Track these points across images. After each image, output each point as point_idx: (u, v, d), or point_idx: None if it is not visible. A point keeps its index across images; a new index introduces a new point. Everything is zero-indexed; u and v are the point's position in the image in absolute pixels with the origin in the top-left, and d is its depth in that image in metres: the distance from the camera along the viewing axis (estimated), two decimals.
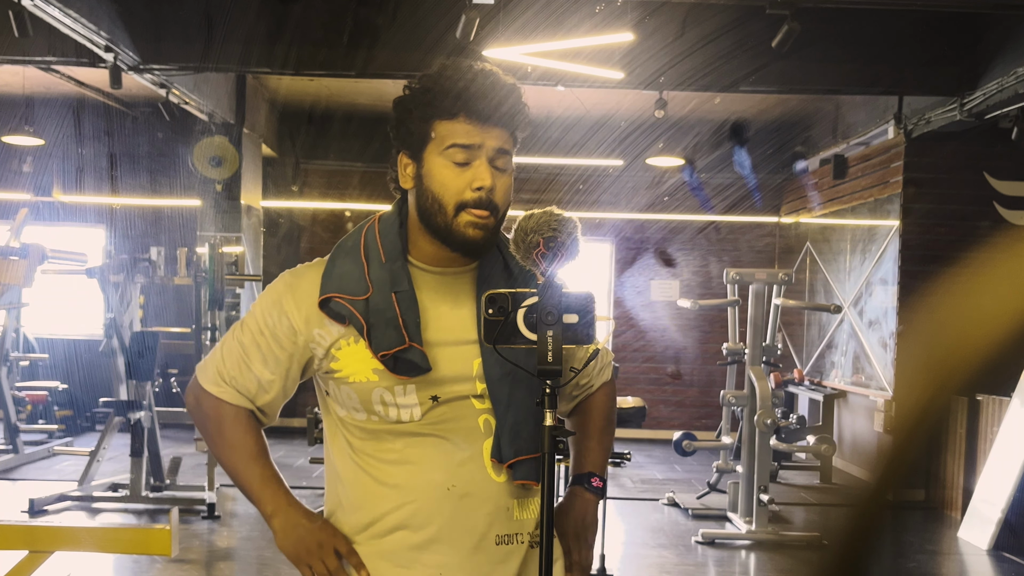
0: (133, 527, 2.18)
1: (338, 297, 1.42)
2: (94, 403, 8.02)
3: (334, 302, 1.42)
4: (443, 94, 1.38)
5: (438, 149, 1.39)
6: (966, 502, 5.76)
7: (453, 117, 1.38)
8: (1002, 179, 6.68)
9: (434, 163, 1.39)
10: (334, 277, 1.44)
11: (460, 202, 1.38)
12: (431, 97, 1.39)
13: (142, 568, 4.60)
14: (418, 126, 1.40)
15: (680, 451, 6.29)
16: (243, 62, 6.18)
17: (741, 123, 8.49)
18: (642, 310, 9.63)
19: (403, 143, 1.43)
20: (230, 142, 7.55)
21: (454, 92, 1.37)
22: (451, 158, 1.38)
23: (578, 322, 1.30)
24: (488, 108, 1.38)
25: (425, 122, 1.39)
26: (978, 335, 0.52)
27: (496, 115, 1.39)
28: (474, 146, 1.38)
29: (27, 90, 7.82)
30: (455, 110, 1.37)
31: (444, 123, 1.38)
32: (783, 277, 5.68)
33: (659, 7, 5.50)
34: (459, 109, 1.37)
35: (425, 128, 1.39)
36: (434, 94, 1.38)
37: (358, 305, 1.41)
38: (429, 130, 1.39)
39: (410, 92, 1.43)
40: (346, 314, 1.42)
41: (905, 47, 6.06)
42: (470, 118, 1.37)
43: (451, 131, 1.38)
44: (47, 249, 6.27)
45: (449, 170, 1.38)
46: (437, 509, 1.42)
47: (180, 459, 6.15)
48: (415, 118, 1.40)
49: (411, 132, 1.41)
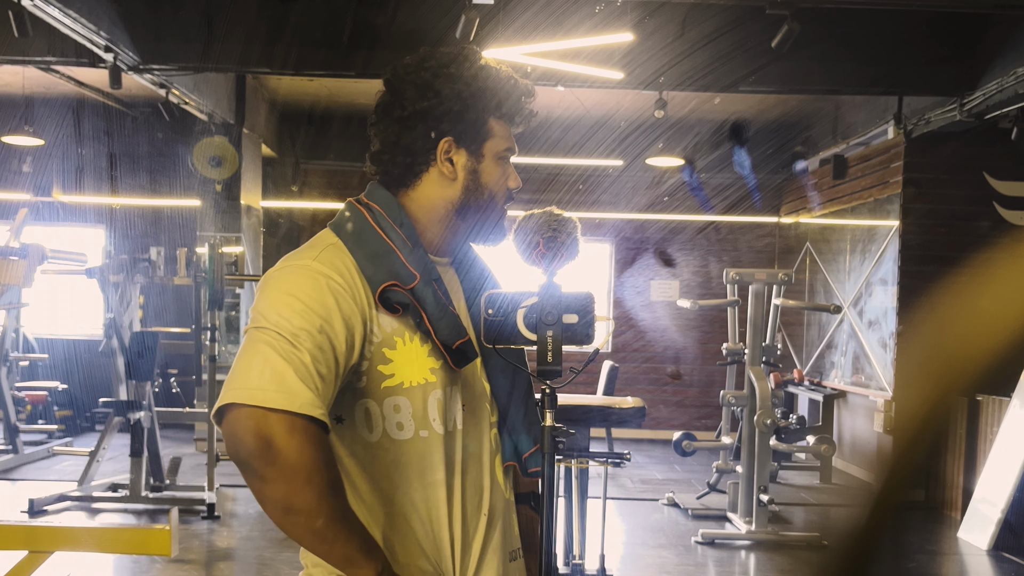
0: (133, 527, 2.18)
1: (396, 285, 1.28)
2: (94, 403, 8.01)
3: (392, 290, 1.28)
4: (505, 95, 1.39)
5: (496, 149, 1.40)
6: (966, 502, 5.76)
7: (510, 121, 1.41)
8: (1002, 179, 6.68)
9: (492, 162, 1.40)
10: (380, 262, 1.29)
11: (504, 199, 1.43)
12: (497, 96, 1.38)
13: (142, 568, 4.60)
14: (478, 119, 1.38)
15: (680, 451, 6.29)
16: (243, 62, 6.18)
17: (741, 123, 8.49)
18: (642, 310, 9.63)
19: (452, 131, 1.36)
20: (230, 142, 7.55)
21: (516, 97, 1.40)
22: (502, 157, 1.41)
23: (578, 322, 1.30)
24: (525, 117, 1.44)
25: (485, 117, 1.38)
26: (978, 335, 0.52)
27: (524, 122, 1.45)
28: (515, 151, 1.44)
29: (27, 90, 7.82)
30: (512, 114, 1.41)
31: (499, 123, 1.40)
32: (783, 277, 5.68)
33: (659, 7, 5.50)
34: (515, 113, 1.41)
35: (484, 123, 1.38)
36: (497, 95, 1.38)
37: (413, 294, 1.29)
38: (488, 126, 1.39)
39: (461, 83, 1.35)
40: (406, 303, 1.28)
41: (905, 47, 6.06)
42: (515, 124, 1.43)
43: (505, 133, 1.41)
44: (47, 249, 6.27)
45: (500, 169, 1.41)
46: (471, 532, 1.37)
47: (180, 459, 6.15)
48: (476, 109, 1.37)
49: (467, 122, 1.37)
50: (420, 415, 1.30)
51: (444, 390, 1.32)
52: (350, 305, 1.23)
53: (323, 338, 1.19)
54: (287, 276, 1.25)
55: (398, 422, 1.29)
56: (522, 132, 1.46)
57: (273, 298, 1.22)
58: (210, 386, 5.86)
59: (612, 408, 3.91)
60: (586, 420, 3.84)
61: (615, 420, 3.94)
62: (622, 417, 3.87)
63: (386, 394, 1.28)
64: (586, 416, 3.85)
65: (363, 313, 1.25)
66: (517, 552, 1.45)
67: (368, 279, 1.28)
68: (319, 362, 1.17)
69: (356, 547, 1.17)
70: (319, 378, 1.16)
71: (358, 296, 1.25)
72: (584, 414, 3.84)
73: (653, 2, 5.39)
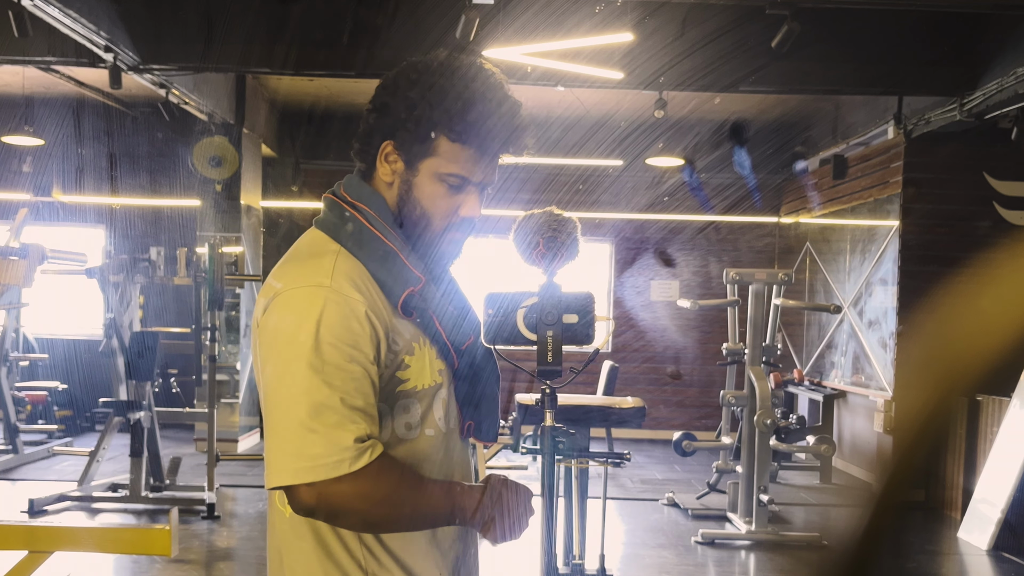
0: (133, 527, 2.18)
1: (412, 290, 1.27)
2: (94, 403, 8.01)
3: (410, 295, 1.27)
4: (460, 116, 1.24)
5: (436, 168, 1.28)
6: (966, 502, 5.76)
7: (463, 144, 1.26)
8: (1002, 179, 6.68)
9: (428, 179, 1.28)
10: (390, 269, 1.27)
11: (449, 225, 1.31)
12: (447, 115, 1.24)
13: (142, 568, 4.60)
14: (421, 133, 1.26)
15: (680, 451, 6.29)
16: (243, 62, 6.18)
17: (741, 123, 8.49)
18: (642, 310, 9.63)
19: (394, 136, 1.29)
20: (230, 142, 7.55)
21: (475, 120, 1.24)
22: (448, 182, 1.28)
23: (578, 322, 1.30)
24: (503, 149, 1.29)
25: (430, 132, 1.26)
26: (978, 335, 0.52)
27: (505, 153, 1.30)
28: (473, 179, 1.29)
29: (27, 90, 7.82)
30: (468, 140, 1.25)
31: (451, 145, 1.26)
32: (783, 277, 5.68)
33: (659, 7, 5.50)
34: (472, 141, 1.26)
35: (427, 139, 1.26)
36: (451, 114, 1.24)
37: (422, 296, 1.29)
38: (432, 143, 1.26)
39: (417, 89, 1.26)
40: (421, 308, 1.28)
41: (905, 47, 6.06)
42: (479, 152, 1.27)
43: (455, 157, 1.26)
44: (47, 249, 6.26)
45: (443, 191, 1.29)
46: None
47: (180, 459, 6.15)
48: (419, 121, 1.26)
49: (408, 132, 1.27)
50: (427, 415, 1.31)
51: (448, 388, 1.34)
52: (373, 320, 1.22)
53: (355, 367, 1.19)
54: (305, 303, 1.21)
55: (407, 423, 1.29)
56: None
57: (294, 334, 1.19)
58: (210, 386, 5.86)
59: (612, 408, 3.91)
60: (586, 420, 3.84)
61: (615, 420, 3.94)
62: (622, 417, 3.87)
63: (399, 397, 1.28)
64: (586, 416, 3.85)
65: (385, 324, 1.24)
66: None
67: (383, 287, 1.26)
68: (354, 395, 1.18)
69: (446, 501, 1.26)
70: (359, 413, 1.19)
71: (377, 308, 1.24)
72: (584, 414, 3.84)
73: (653, 2, 5.39)
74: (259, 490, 6.39)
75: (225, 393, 7.65)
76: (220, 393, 7.46)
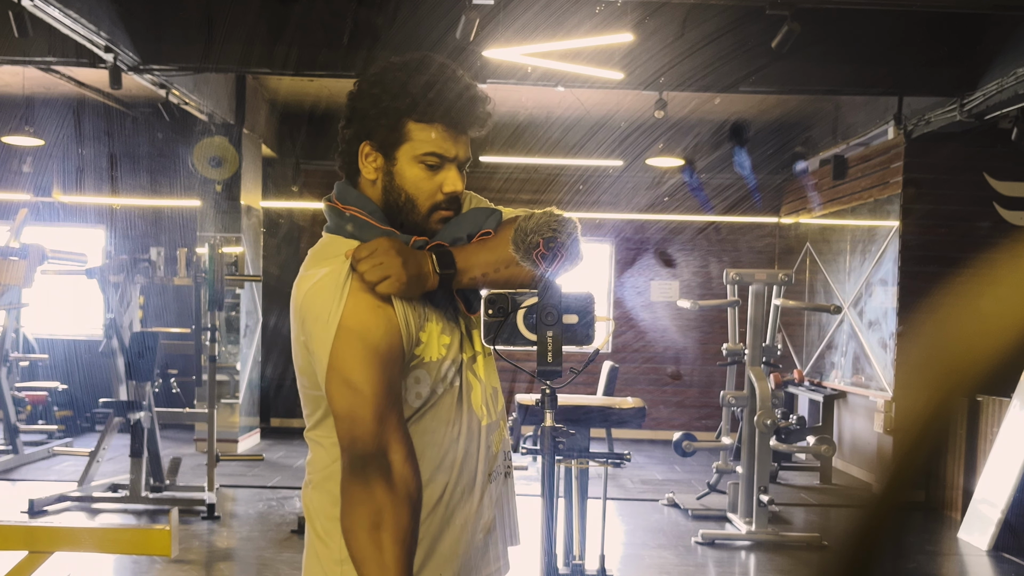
0: (133, 527, 2.18)
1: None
2: (94, 403, 8.01)
3: None
4: (422, 97, 1.37)
5: (413, 152, 1.40)
6: (966, 503, 5.76)
7: (430, 122, 1.38)
8: (1002, 180, 6.68)
9: (407, 165, 1.41)
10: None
11: (433, 204, 1.42)
12: (410, 99, 1.37)
13: (142, 568, 4.60)
14: (390, 122, 1.39)
15: (680, 452, 6.28)
16: (243, 62, 6.18)
17: (741, 123, 8.49)
18: (642, 311, 9.63)
19: (369, 135, 1.42)
20: (230, 142, 7.55)
21: (435, 98, 1.37)
22: (425, 162, 1.40)
23: (578, 322, 1.31)
24: (466, 119, 1.40)
25: (398, 120, 1.39)
26: (978, 336, 0.52)
27: (471, 126, 1.41)
28: (448, 155, 1.40)
29: (27, 90, 7.82)
30: (433, 117, 1.38)
31: (420, 126, 1.39)
32: (783, 278, 5.67)
33: (659, 7, 5.50)
34: (438, 117, 1.38)
35: (398, 127, 1.39)
36: (413, 97, 1.37)
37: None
38: (403, 130, 1.39)
39: (379, 86, 1.41)
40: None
41: (905, 47, 6.06)
42: (447, 127, 1.39)
43: (427, 137, 1.39)
44: (47, 249, 6.26)
45: (423, 173, 1.41)
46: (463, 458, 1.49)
47: (180, 459, 6.15)
48: (387, 113, 1.39)
49: (380, 126, 1.40)
50: (438, 377, 1.42)
51: (453, 359, 1.43)
52: (390, 310, 1.35)
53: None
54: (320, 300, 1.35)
55: (417, 392, 1.41)
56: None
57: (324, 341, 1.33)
58: (210, 386, 5.86)
59: (612, 408, 3.91)
60: (586, 420, 3.84)
61: (615, 420, 3.94)
62: (622, 417, 3.87)
63: (411, 369, 1.39)
64: (586, 416, 3.85)
65: (402, 307, 1.36)
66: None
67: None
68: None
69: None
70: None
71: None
72: (584, 414, 3.84)
73: (653, 2, 5.39)
74: (259, 490, 6.39)
75: (225, 393, 7.65)
76: (220, 393, 7.47)
